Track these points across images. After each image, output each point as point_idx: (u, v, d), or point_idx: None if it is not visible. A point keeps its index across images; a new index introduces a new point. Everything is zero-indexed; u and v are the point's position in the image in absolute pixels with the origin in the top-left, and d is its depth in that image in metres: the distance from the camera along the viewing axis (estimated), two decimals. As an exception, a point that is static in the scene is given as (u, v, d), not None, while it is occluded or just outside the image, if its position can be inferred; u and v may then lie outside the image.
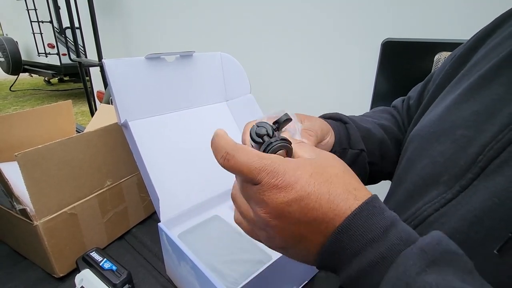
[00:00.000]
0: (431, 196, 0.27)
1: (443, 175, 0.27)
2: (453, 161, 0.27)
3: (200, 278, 0.42)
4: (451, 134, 0.28)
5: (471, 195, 0.24)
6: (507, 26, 0.32)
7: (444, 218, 0.25)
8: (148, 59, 0.56)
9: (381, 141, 0.42)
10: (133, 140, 0.51)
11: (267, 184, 0.22)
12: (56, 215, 0.51)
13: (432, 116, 0.33)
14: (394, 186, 0.37)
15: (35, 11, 3.64)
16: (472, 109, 0.28)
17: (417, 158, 0.32)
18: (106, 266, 0.47)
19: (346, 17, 0.83)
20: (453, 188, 0.26)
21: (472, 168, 0.25)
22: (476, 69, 0.31)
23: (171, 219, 0.52)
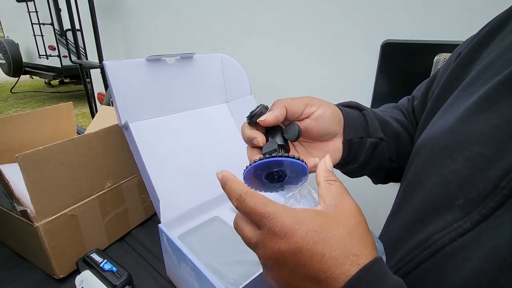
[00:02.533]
0: (445, 221, 0.25)
1: (458, 198, 0.24)
2: (470, 183, 0.24)
3: (200, 279, 0.42)
4: (465, 150, 0.25)
5: (495, 228, 0.21)
6: None
7: (465, 253, 0.22)
8: (149, 61, 0.56)
9: (398, 135, 0.39)
10: (133, 141, 0.51)
11: (267, 230, 0.23)
12: (56, 217, 0.51)
13: (442, 125, 0.29)
14: (400, 200, 0.34)
15: (36, 14, 3.66)
16: (490, 122, 0.24)
17: (425, 174, 0.29)
18: (107, 267, 0.47)
19: (346, 19, 0.83)
20: (472, 215, 0.23)
21: (494, 195, 0.22)
22: (492, 72, 0.27)
23: (171, 220, 0.52)
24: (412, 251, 0.26)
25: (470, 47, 0.32)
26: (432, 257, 0.24)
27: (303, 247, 0.21)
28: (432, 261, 0.24)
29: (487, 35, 0.31)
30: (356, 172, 0.40)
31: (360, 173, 0.40)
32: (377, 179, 0.44)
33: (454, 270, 0.22)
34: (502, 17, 0.31)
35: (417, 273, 0.25)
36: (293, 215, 0.23)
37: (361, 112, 0.38)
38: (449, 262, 0.23)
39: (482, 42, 0.31)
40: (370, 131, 0.36)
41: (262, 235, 0.23)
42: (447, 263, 0.23)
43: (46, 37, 3.83)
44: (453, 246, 0.23)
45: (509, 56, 0.27)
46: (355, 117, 0.36)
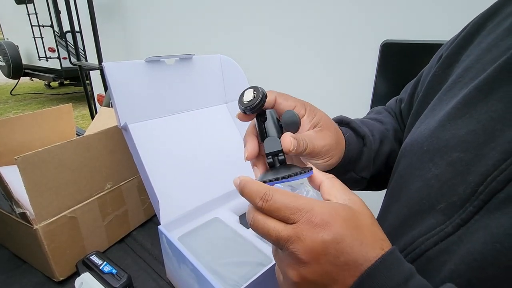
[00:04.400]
0: (428, 225, 0.26)
1: (440, 202, 0.25)
2: (450, 187, 0.25)
3: (200, 280, 0.42)
4: (446, 155, 0.26)
5: (474, 232, 0.22)
6: (498, 21, 0.29)
7: (445, 256, 0.24)
8: (148, 62, 0.56)
9: (390, 154, 0.41)
10: (133, 142, 0.51)
11: (306, 222, 0.22)
12: (56, 219, 0.51)
13: (424, 130, 0.30)
14: (386, 202, 0.35)
15: (35, 15, 3.66)
16: (468, 127, 0.25)
17: (409, 177, 0.30)
18: (106, 270, 0.47)
19: (346, 20, 0.83)
20: (453, 219, 0.24)
21: (472, 200, 0.23)
22: (470, 75, 0.28)
23: (171, 221, 0.52)
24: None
25: (450, 50, 0.33)
26: (415, 261, 0.25)
27: (345, 234, 0.22)
28: (416, 264, 0.24)
29: (466, 38, 0.32)
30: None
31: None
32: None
33: (435, 273, 0.24)
34: (480, 19, 0.32)
35: None
36: (327, 205, 0.23)
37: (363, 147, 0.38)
38: (430, 265, 0.24)
39: (462, 44, 0.32)
40: (358, 169, 0.38)
41: (298, 228, 0.22)
42: (429, 266, 0.24)
43: (45, 39, 3.83)
44: (435, 249, 0.24)
45: (486, 60, 0.27)
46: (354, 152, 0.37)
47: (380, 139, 0.40)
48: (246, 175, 0.26)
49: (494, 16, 0.30)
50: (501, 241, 0.20)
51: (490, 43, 0.28)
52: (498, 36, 0.28)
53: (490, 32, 0.29)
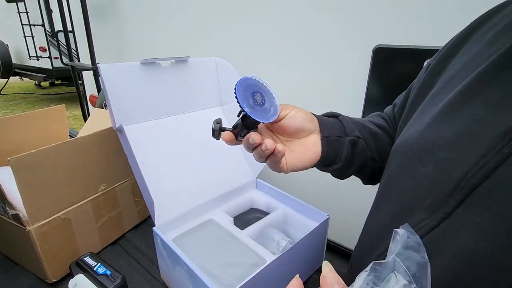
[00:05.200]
0: (415, 221, 0.27)
1: (427, 199, 0.27)
2: (437, 185, 0.26)
3: (195, 281, 0.42)
4: (433, 155, 0.27)
5: (457, 225, 0.24)
6: (482, 32, 0.32)
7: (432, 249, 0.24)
8: (143, 64, 0.56)
9: (376, 135, 0.42)
10: (128, 144, 0.51)
11: None
12: (49, 220, 0.51)
13: (413, 132, 0.32)
14: (377, 202, 0.36)
15: (26, 14, 3.60)
16: (453, 129, 0.27)
17: (400, 177, 0.31)
18: (100, 271, 0.47)
19: (339, 24, 0.85)
20: (437, 214, 0.25)
21: (454, 194, 0.24)
22: (455, 81, 0.30)
23: (166, 223, 0.52)
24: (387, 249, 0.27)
25: (438, 59, 0.35)
26: None
27: None
28: None
29: (453, 48, 0.34)
30: (342, 172, 0.42)
31: (347, 172, 0.43)
32: (364, 178, 0.47)
33: None
34: (466, 30, 0.34)
35: None
36: None
37: (337, 117, 0.41)
38: None
39: (449, 53, 0.34)
40: (347, 131, 0.39)
41: None
42: None
43: (36, 38, 3.77)
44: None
45: (470, 68, 0.29)
46: (331, 120, 0.40)
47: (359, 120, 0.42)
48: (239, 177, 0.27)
49: (478, 28, 0.32)
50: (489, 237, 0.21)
51: (474, 53, 0.30)
52: (481, 46, 0.30)
53: (475, 43, 0.31)
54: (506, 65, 0.26)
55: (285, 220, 0.60)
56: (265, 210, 0.64)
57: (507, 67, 0.26)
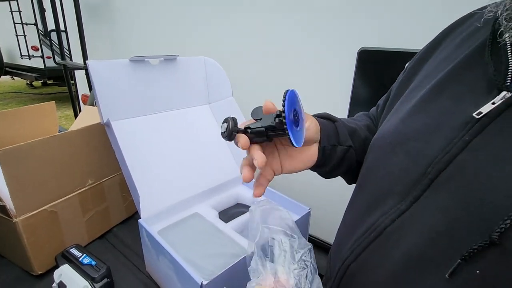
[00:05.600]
0: (387, 206, 0.29)
1: (398, 185, 0.28)
2: (407, 171, 0.28)
3: (177, 270, 0.44)
4: (404, 145, 0.30)
5: (423, 208, 0.25)
6: (452, 38, 0.35)
7: (402, 231, 0.26)
8: (132, 62, 0.58)
9: (365, 140, 0.44)
10: (115, 139, 0.53)
11: None
12: (36, 213, 0.51)
13: (388, 126, 0.34)
14: (355, 194, 0.38)
15: (19, 13, 3.57)
16: (422, 121, 0.29)
17: (375, 168, 0.33)
18: (86, 261, 0.48)
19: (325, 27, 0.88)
20: (406, 199, 0.27)
21: (422, 179, 0.26)
22: (428, 80, 0.33)
23: (151, 216, 0.53)
24: (362, 235, 0.30)
25: (414, 61, 0.38)
26: (377, 238, 0.28)
27: None
28: (377, 241, 0.28)
29: (428, 51, 0.37)
30: (329, 174, 0.44)
31: (333, 174, 0.45)
32: (348, 179, 0.49)
33: (393, 247, 0.27)
34: (439, 36, 0.37)
35: (366, 253, 0.29)
36: None
37: (334, 123, 0.42)
38: (389, 241, 0.27)
39: (424, 57, 0.37)
40: (341, 140, 0.41)
41: None
42: (388, 242, 0.27)
43: (29, 37, 3.74)
44: (392, 226, 0.27)
45: (440, 68, 0.32)
46: (329, 128, 0.41)
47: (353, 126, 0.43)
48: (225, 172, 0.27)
49: (450, 34, 0.36)
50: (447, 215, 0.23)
51: (444, 55, 0.33)
52: (450, 50, 0.33)
53: (445, 47, 0.35)
54: (469, 64, 0.29)
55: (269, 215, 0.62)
56: (250, 205, 0.66)
57: (470, 66, 0.29)
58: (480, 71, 0.28)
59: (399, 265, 0.26)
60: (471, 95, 0.27)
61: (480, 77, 0.28)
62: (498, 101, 0.24)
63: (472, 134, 0.25)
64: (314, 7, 0.86)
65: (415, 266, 0.25)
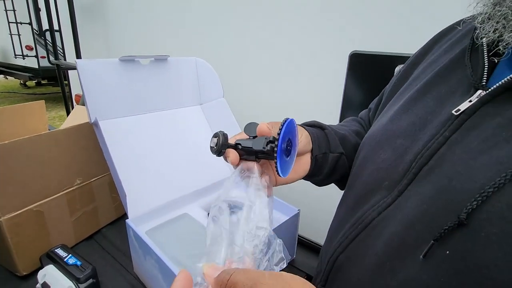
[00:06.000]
0: (375, 200, 0.30)
1: (385, 180, 0.30)
2: (393, 167, 0.30)
3: (163, 271, 0.43)
4: (392, 142, 0.31)
5: (406, 199, 0.27)
6: (441, 44, 0.37)
7: (385, 222, 0.28)
8: (122, 61, 0.58)
9: (355, 146, 0.45)
10: (103, 138, 0.52)
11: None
12: (21, 212, 0.51)
13: (378, 126, 0.36)
14: (345, 191, 0.40)
15: (13, 12, 3.55)
16: (409, 120, 0.31)
17: (364, 165, 0.35)
18: (71, 262, 0.47)
19: (317, 30, 0.88)
20: (393, 193, 0.28)
21: (407, 174, 0.28)
22: (416, 83, 0.35)
23: (139, 216, 0.53)
24: (350, 227, 0.32)
25: (406, 66, 0.41)
26: (363, 230, 0.30)
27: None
28: (364, 233, 0.30)
29: (419, 57, 0.39)
30: (322, 182, 0.45)
31: (326, 182, 0.45)
32: (341, 186, 0.49)
33: (378, 237, 0.28)
34: (430, 42, 0.39)
35: (354, 244, 0.31)
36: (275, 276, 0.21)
37: (323, 131, 0.42)
38: (374, 231, 0.29)
39: (415, 61, 0.39)
40: (332, 148, 0.41)
41: None
42: (373, 232, 0.29)
43: (23, 36, 3.71)
44: (378, 218, 0.29)
45: (428, 72, 0.34)
46: (319, 136, 0.41)
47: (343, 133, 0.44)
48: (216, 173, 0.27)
49: (440, 40, 0.38)
50: (427, 202, 0.25)
51: (433, 59, 0.36)
52: (439, 54, 0.35)
53: (434, 53, 0.37)
54: (453, 67, 0.31)
55: (258, 216, 0.62)
56: (240, 206, 0.66)
57: (453, 68, 0.31)
58: (462, 73, 0.30)
59: (381, 254, 0.27)
60: (453, 95, 0.29)
61: (461, 78, 0.30)
62: (474, 99, 0.26)
63: (451, 130, 0.26)
64: (306, 10, 0.87)
65: (396, 253, 0.26)
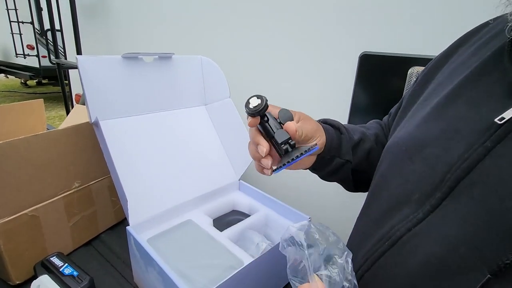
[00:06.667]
0: (403, 214, 0.28)
1: (415, 193, 0.28)
2: (424, 179, 0.27)
3: (166, 283, 0.40)
4: (421, 152, 0.29)
5: (442, 216, 0.25)
6: (467, 47, 0.35)
7: (417, 240, 0.26)
8: (125, 58, 0.55)
9: (370, 151, 0.44)
10: (103, 139, 0.49)
11: None
12: (15, 217, 0.48)
13: (403, 133, 0.34)
14: (368, 202, 0.37)
15: (15, 11, 3.53)
16: (439, 127, 0.29)
17: (390, 176, 0.32)
18: (67, 272, 0.44)
19: (327, 30, 0.86)
20: (424, 207, 0.26)
21: (441, 187, 0.25)
22: (442, 88, 0.33)
23: (141, 222, 0.50)
24: (377, 243, 0.29)
25: (427, 70, 0.39)
26: (392, 247, 0.27)
27: None
28: (392, 250, 0.27)
29: (442, 59, 0.37)
30: (323, 178, 0.46)
31: (325, 179, 0.46)
32: (347, 187, 0.48)
33: (410, 255, 0.26)
34: (453, 45, 0.37)
35: (382, 261, 0.28)
36: None
37: (340, 135, 0.42)
38: (405, 249, 0.26)
39: (437, 65, 0.37)
40: (342, 153, 0.41)
41: None
42: (403, 250, 0.26)
43: (24, 36, 3.70)
44: (408, 235, 0.26)
45: (455, 76, 0.32)
46: (334, 139, 0.40)
47: (360, 136, 0.43)
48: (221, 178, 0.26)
49: (465, 43, 0.36)
50: (472, 222, 0.23)
51: (459, 63, 0.34)
52: (465, 58, 0.33)
53: (460, 55, 0.35)
54: (486, 70, 0.29)
55: (266, 223, 0.59)
56: (247, 212, 0.62)
57: (487, 71, 0.29)
58: (498, 76, 0.27)
59: (417, 274, 0.25)
60: (489, 100, 0.27)
61: (498, 82, 0.27)
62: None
63: (494, 140, 0.24)
64: (315, 10, 0.84)
65: (435, 275, 0.24)
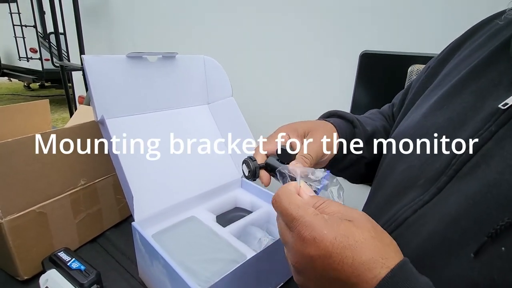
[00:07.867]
0: (409, 198, 0.29)
1: (420, 178, 0.28)
2: (429, 164, 0.28)
3: (171, 276, 0.41)
4: (427, 140, 0.30)
5: (447, 196, 0.26)
6: (474, 40, 0.36)
7: (422, 220, 0.26)
8: (130, 58, 0.56)
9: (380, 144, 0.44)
10: (109, 137, 0.50)
11: (297, 234, 0.23)
12: (23, 214, 0.49)
13: (410, 122, 0.35)
14: (373, 190, 0.38)
15: (18, 15, 3.57)
16: (446, 116, 0.30)
17: (395, 163, 0.33)
18: (74, 266, 0.45)
19: (327, 29, 0.87)
20: (430, 190, 0.27)
21: (447, 171, 0.26)
22: (449, 79, 0.33)
23: (145, 218, 0.51)
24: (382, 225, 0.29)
25: (436, 62, 0.39)
26: (397, 228, 0.28)
27: (333, 251, 0.21)
28: (397, 231, 0.28)
29: (449, 52, 0.38)
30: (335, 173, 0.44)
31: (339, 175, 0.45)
32: (353, 179, 0.49)
33: (414, 235, 0.26)
34: (461, 38, 0.38)
35: None
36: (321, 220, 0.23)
37: (354, 129, 0.41)
38: (410, 230, 0.27)
39: (445, 57, 0.38)
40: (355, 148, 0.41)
41: (292, 239, 0.24)
42: (408, 231, 0.27)
43: (27, 39, 3.73)
44: (414, 216, 0.27)
45: (461, 67, 0.33)
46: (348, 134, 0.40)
47: (372, 129, 0.43)
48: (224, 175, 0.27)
49: (472, 36, 0.37)
50: (473, 198, 0.23)
51: (466, 55, 0.34)
52: (472, 49, 0.34)
53: (467, 48, 0.36)
54: (492, 61, 0.29)
55: (268, 219, 0.60)
56: (249, 209, 0.63)
57: (493, 62, 0.29)
58: (504, 66, 0.28)
59: (419, 250, 0.26)
60: (495, 89, 0.27)
61: (505, 71, 0.28)
62: None
63: (498, 124, 0.25)
64: (316, 9, 0.85)
65: (437, 250, 0.25)
